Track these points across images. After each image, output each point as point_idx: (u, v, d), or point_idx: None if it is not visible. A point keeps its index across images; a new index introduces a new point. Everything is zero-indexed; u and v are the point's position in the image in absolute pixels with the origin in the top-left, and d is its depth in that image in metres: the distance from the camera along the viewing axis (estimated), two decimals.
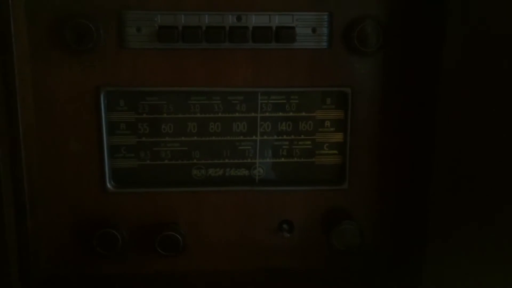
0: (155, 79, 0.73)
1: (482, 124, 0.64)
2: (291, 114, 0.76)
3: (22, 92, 0.70)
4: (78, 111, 0.73)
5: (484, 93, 0.63)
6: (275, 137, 0.77)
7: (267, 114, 0.76)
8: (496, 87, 0.62)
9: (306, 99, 0.76)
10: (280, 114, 0.76)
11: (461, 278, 0.67)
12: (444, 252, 0.70)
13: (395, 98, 0.75)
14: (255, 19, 0.71)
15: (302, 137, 0.77)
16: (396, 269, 0.80)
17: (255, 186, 0.78)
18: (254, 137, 0.77)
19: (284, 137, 0.77)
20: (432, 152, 0.73)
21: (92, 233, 0.74)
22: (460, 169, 0.68)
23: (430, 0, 0.71)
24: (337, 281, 0.79)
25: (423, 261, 0.74)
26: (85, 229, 0.75)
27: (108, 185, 0.75)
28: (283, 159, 0.78)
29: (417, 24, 0.73)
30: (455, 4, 0.67)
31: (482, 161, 0.63)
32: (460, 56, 0.68)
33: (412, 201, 0.77)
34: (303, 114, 0.77)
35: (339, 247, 0.76)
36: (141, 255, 0.78)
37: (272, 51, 0.73)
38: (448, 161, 0.70)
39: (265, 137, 0.77)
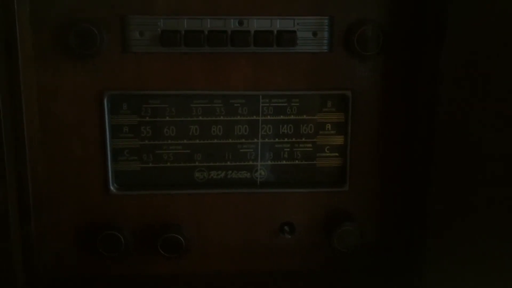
0: (158, 82, 0.73)
1: (481, 126, 0.64)
2: (292, 117, 0.77)
3: (27, 96, 0.70)
4: (81, 114, 0.73)
5: (482, 95, 0.64)
6: (277, 139, 0.78)
7: (268, 117, 0.77)
8: (494, 89, 0.62)
9: (307, 102, 0.77)
10: (281, 117, 0.77)
11: (462, 278, 0.67)
12: (445, 252, 0.71)
13: (395, 101, 0.76)
14: (256, 24, 0.72)
15: (303, 139, 0.78)
16: (397, 270, 0.80)
17: (257, 189, 0.78)
18: (255, 140, 0.78)
19: (285, 139, 0.78)
20: (432, 153, 0.73)
21: (96, 235, 0.75)
22: (459, 169, 0.68)
23: (430, 4, 0.72)
24: (338, 282, 0.79)
25: (424, 262, 0.75)
26: (89, 231, 0.76)
27: (111, 187, 0.76)
28: (284, 162, 0.79)
29: (417, 27, 0.74)
30: (454, 8, 0.68)
31: (481, 162, 0.64)
32: (459, 59, 0.68)
33: (412, 202, 0.78)
34: (304, 117, 0.77)
35: (339, 248, 0.77)
36: (144, 256, 0.78)
37: (273, 55, 0.73)
38: (447, 162, 0.71)
39: (267, 140, 0.78)
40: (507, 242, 0.60)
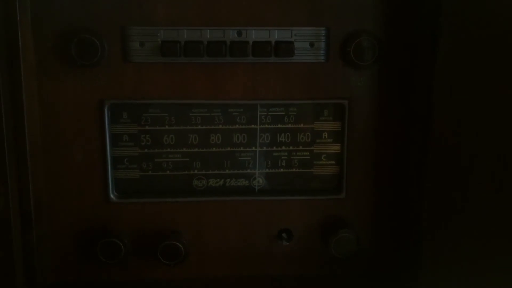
0: (158, 92, 0.74)
1: (474, 134, 0.66)
2: (289, 125, 0.78)
3: (28, 105, 0.71)
4: (82, 123, 0.74)
5: (476, 104, 0.65)
6: (274, 148, 0.79)
7: (266, 126, 0.78)
8: (488, 98, 0.63)
9: (304, 111, 0.78)
10: (279, 125, 0.78)
11: (458, 281, 0.68)
12: (440, 257, 0.72)
13: (391, 110, 0.77)
14: (255, 34, 0.73)
15: (301, 148, 0.79)
16: (393, 275, 0.81)
17: (255, 196, 0.79)
18: (253, 148, 0.79)
19: (283, 148, 0.79)
20: (426, 160, 0.74)
21: (96, 242, 0.75)
22: (453, 176, 0.69)
23: (423, 14, 0.73)
24: (335, 287, 0.80)
25: (420, 266, 0.75)
26: (89, 238, 0.77)
27: (111, 195, 0.77)
28: (282, 170, 0.80)
29: (412, 38, 0.75)
30: (447, 18, 0.69)
31: (476, 171, 0.65)
32: (453, 68, 0.69)
33: (408, 208, 0.79)
34: (301, 125, 0.78)
35: (337, 254, 0.78)
36: (143, 263, 0.79)
37: (271, 64, 0.74)
38: (441, 168, 0.72)
39: (265, 148, 0.79)
40: (500, 244, 0.61)
